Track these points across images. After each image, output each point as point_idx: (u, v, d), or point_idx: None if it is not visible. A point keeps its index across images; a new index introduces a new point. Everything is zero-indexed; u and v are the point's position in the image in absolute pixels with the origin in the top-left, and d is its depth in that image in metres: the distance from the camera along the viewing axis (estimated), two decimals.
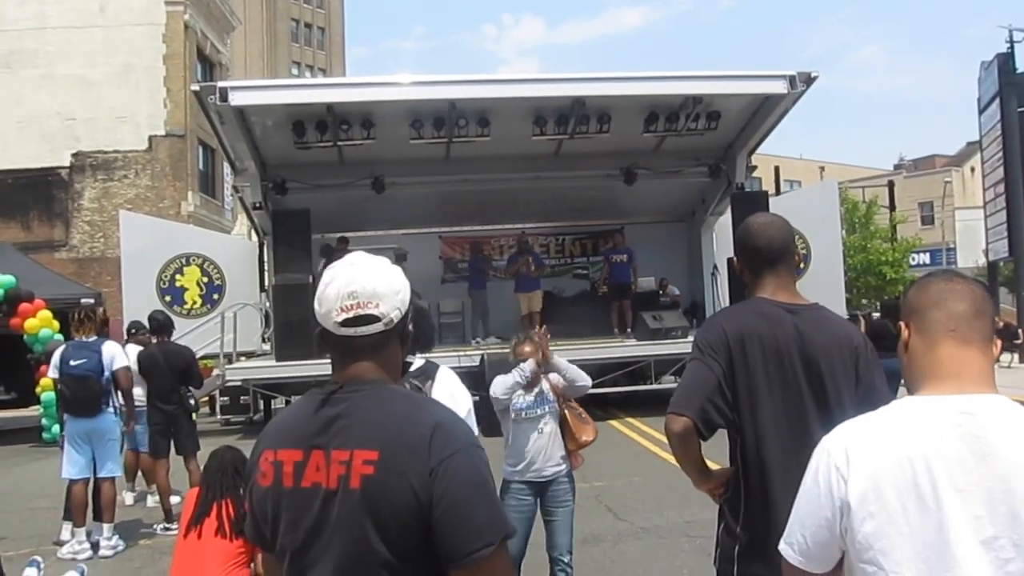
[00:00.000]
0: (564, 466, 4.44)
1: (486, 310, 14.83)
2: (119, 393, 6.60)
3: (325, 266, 1.93)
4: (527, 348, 4.53)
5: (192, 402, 7.73)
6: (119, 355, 6.64)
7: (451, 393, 3.44)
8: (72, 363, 6.36)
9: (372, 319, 1.61)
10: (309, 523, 1.56)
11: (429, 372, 3.48)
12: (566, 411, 4.53)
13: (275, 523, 1.62)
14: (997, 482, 1.34)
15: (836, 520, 1.43)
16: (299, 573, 1.59)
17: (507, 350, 4.94)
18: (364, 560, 1.52)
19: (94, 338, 6.61)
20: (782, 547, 1.53)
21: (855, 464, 1.41)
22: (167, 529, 6.85)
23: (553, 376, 4.58)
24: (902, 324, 1.60)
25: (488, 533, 1.49)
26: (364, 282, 1.62)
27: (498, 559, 1.50)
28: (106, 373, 6.47)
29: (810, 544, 1.48)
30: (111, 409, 6.54)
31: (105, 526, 6.49)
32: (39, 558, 5.70)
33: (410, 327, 1.72)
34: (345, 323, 1.61)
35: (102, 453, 6.51)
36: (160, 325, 7.60)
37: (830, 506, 1.43)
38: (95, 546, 6.41)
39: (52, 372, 6.65)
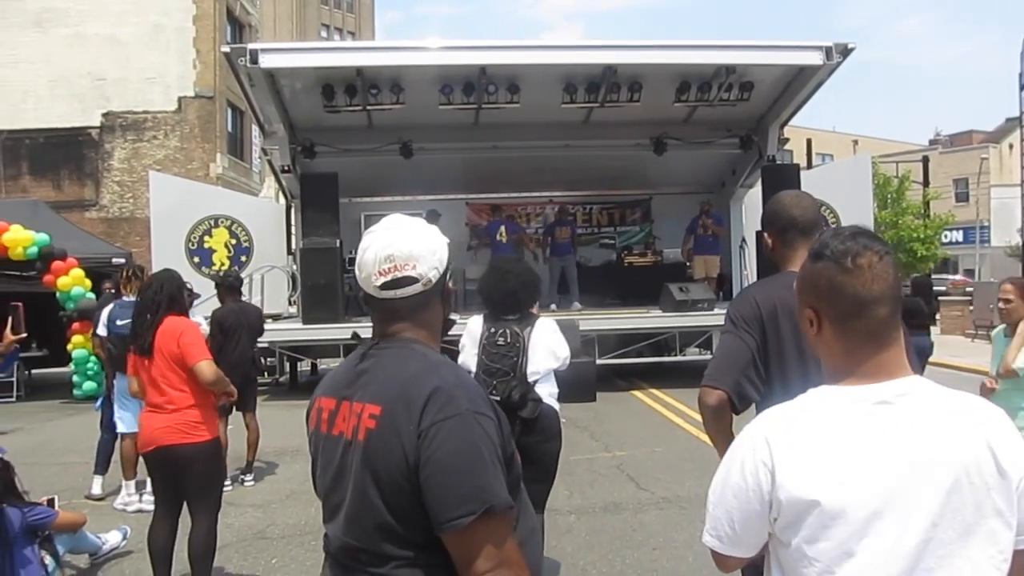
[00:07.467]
0: None
1: (563, 277, 14.55)
2: None
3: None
4: None
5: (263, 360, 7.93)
6: None
7: (549, 334, 4.22)
8: (119, 323, 6.44)
9: (410, 280, 1.64)
10: (333, 470, 1.65)
11: (530, 320, 4.21)
12: None
13: (314, 465, 1.76)
14: (914, 467, 1.35)
15: (766, 511, 1.43)
16: (328, 515, 1.69)
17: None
18: (365, 512, 1.56)
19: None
20: (708, 540, 1.52)
21: (779, 457, 1.40)
22: (243, 482, 7.31)
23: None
24: (810, 311, 1.49)
25: (470, 502, 1.46)
26: (400, 245, 1.64)
27: (480, 530, 1.47)
28: None
29: (740, 533, 1.47)
30: None
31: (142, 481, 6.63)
32: (127, 527, 5.65)
33: (450, 284, 1.74)
34: (384, 286, 1.65)
35: None
36: (234, 285, 7.84)
37: (759, 499, 1.42)
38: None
39: (101, 330, 6.79)
